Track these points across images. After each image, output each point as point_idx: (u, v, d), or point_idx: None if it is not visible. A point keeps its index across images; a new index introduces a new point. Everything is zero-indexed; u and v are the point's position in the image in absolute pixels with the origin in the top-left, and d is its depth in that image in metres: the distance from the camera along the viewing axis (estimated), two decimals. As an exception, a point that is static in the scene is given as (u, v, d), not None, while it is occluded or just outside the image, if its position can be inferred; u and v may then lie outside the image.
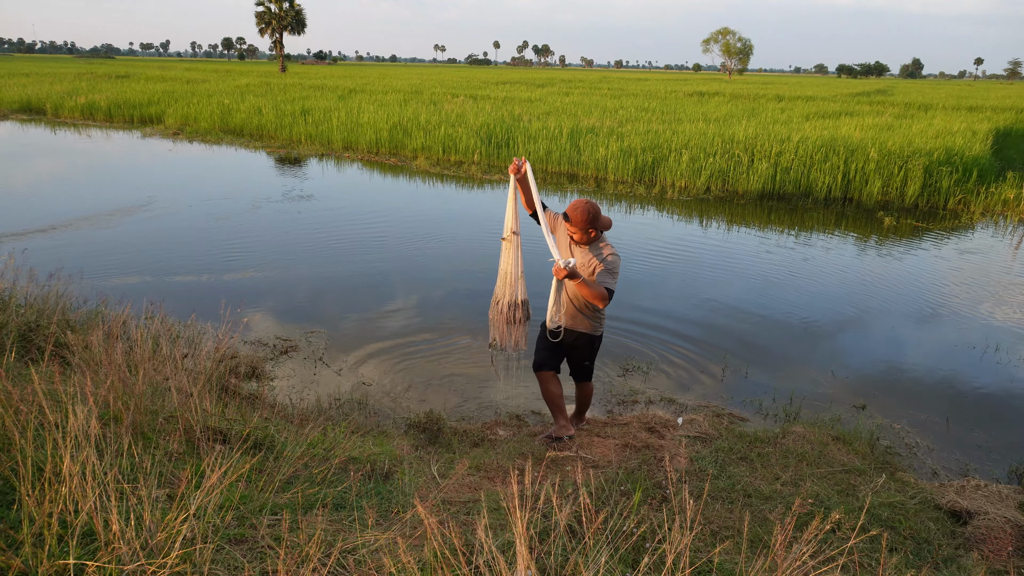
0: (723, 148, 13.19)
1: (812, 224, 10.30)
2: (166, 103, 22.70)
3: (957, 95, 35.51)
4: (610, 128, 15.74)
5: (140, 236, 8.40)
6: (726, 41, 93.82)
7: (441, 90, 28.59)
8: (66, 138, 18.18)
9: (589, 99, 25.01)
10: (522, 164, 3.48)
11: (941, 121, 17.55)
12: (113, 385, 2.75)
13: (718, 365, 5.17)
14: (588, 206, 3.42)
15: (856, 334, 5.93)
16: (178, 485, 2.29)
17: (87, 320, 4.39)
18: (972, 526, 3.00)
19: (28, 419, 2.35)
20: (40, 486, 2.03)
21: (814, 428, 3.98)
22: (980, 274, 7.89)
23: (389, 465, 3.08)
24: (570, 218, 3.41)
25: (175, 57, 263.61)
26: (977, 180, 11.82)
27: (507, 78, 47.08)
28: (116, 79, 34.06)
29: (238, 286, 6.62)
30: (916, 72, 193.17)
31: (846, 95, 32.56)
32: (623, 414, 4.38)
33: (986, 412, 4.60)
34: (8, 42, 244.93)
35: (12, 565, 1.76)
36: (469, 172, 13.93)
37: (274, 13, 54.44)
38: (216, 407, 3.17)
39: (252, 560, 2.10)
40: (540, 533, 2.33)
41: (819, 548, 2.44)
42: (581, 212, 3.40)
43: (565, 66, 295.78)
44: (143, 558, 1.84)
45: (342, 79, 37.12)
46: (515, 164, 3.47)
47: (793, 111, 21.10)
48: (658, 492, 3.10)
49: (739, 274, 7.54)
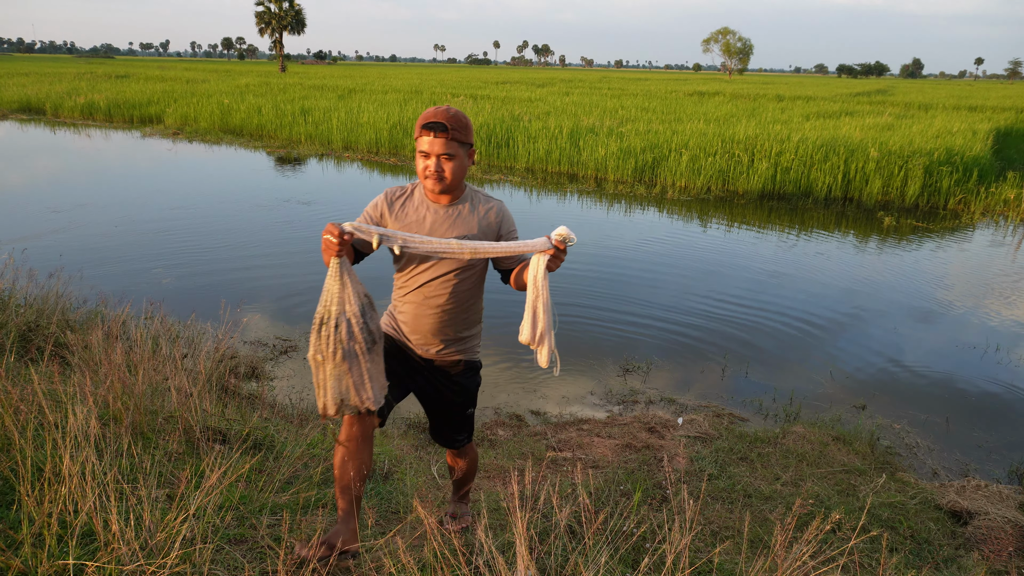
0: (723, 148, 13.19)
1: (812, 224, 10.30)
2: (166, 103, 22.69)
3: (957, 95, 35.50)
4: (610, 128, 15.74)
5: (140, 236, 8.39)
6: (726, 41, 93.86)
7: (441, 90, 28.59)
8: (65, 138, 18.18)
9: (589, 99, 25.00)
10: (344, 233, 1.91)
11: (941, 121, 17.54)
12: (113, 385, 2.75)
13: (718, 365, 5.17)
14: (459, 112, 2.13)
15: (856, 334, 5.93)
16: (178, 485, 2.28)
17: (87, 320, 4.39)
18: (972, 526, 3.00)
19: (28, 419, 2.35)
20: (40, 486, 2.02)
21: (814, 428, 3.98)
22: (980, 274, 7.89)
23: (389, 465, 3.08)
24: (445, 126, 2.05)
25: (175, 57, 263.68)
26: (977, 180, 11.82)
27: (507, 78, 47.08)
28: (116, 79, 34.05)
29: (238, 286, 6.62)
30: (916, 72, 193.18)
31: (846, 95, 32.56)
32: (623, 414, 4.37)
33: (986, 412, 4.60)
34: (8, 42, 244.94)
35: (12, 565, 1.76)
36: (469, 172, 13.94)
37: (274, 13, 54.43)
38: (216, 407, 3.17)
39: (252, 560, 2.10)
40: (540, 533, 2.33)
41: (819, 548, 2.44)
42: (456, 113, 2.11)
43: (565, 66, 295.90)
44: (143, 558, 1.84)
45: (342, 79, 37.11)
46: (334, 240, 1.90)
47: (793, 111, 21.09)
48: (658, 492, 3.10)
49: (739, 274, 7.53)
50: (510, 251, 2.02)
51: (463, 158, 2.16)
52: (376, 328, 2.06)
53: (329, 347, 1.99)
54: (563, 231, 1.95)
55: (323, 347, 1.99)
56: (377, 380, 2.07)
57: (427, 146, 2.11)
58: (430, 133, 2.08)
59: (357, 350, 2.01)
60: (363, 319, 2.02)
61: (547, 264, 2.00)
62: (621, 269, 7.53)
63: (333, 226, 1.94)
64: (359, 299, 2.02)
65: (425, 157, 2.13)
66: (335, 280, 1.99)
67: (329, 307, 1.99)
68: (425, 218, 2.20)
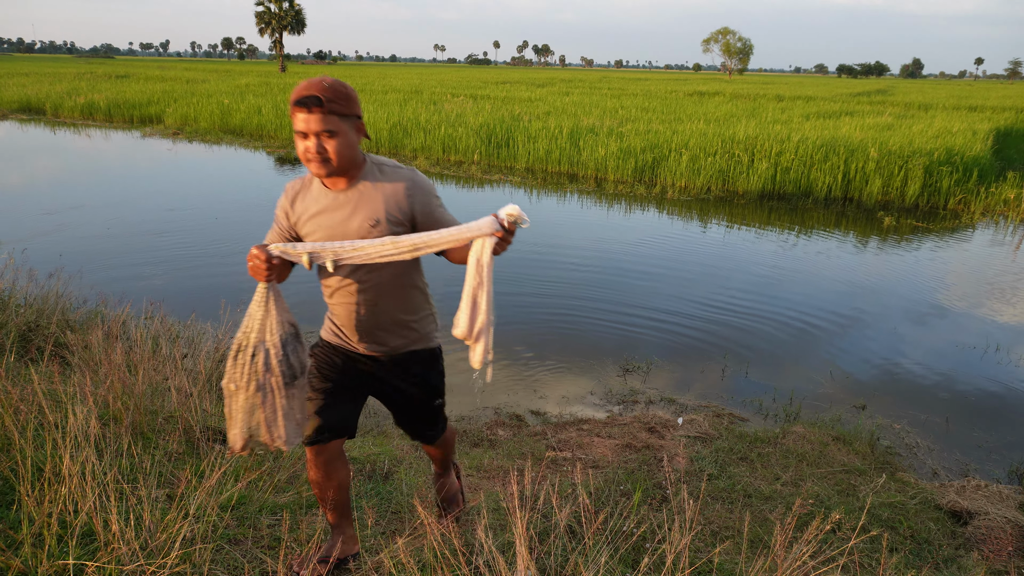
0: (723, 148, 13.19)
1: (812, 224, 10.30)
2: (165, 103, 22.69)
3: (957, 95, 35.51)
4: (610, 128, 15.74)
5: (140, 236, 8.39)
6: (726, 41, 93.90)
7: (441, 90, 28.58)
8: (65, 138, 18.18)
9: (589, 99, 25.00)
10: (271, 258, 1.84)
11: (941, 121, 17.54)
12: (113, 385, 2.75)
13: (718, 365, 5.17)
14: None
15: (856, 334, 5.93)
16: (178, 485, 2.28)
17: (87, 320, 4.39)
18: (972, 526, 3.00)
19: (28, 419, 2.35)
20: (40, 486, 2.02)
21: (814, 428, 3.98)
22: (980, 274, 7.89)
23: (389, 465, 3.08)
24: (320, 99, 1.77)
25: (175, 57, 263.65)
26: (977, 180, 11.82)
27: (507, 78, 47.08)
28: (116, 79, 34.04)
29: (238, 286, 6.62)
30: (916, 72, 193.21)
31: (846, 95, 32.56)
32: (623, 414, 4.37)
33: (986, 412, 4.60)
34: (8, 42, 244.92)
35: (12, 565, 1.76)
36: (469, 172, 13.93)
37: (274, 13, 54.44)
38: (216, 407, 3.17)
39: (252, 560, 2.10)
40: (540, 533, 2.33)
41: (819, 548, 2.44)
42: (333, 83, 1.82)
43: (565, 66, 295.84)
44: (143, 558, 1.84)
45: (342, 79, 37.05)
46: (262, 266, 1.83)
47: (793, 111, 21.09)
48: (658, 492, 3.10)
49: (739, 274, 7.53)
50: (455, 238, 1.76)
51: (348, 133, 1.85)
52: (298, 362, 1.91)
53: (243, 377, 1.85)
54: (514, 210, 1.71)
55: (237, 376, 1.85)
56: (292, 418, 1.91)
57: (302, 124, 1.80)
58: (303, 109, 1.78)
59: (273, 384, 1.86)
60: (283, 351, 1.87)
61: (494, 247, 1.74)
62: (621, 269, 7.53)
63: (259, 250, 1.81)
64: (283, 328, 1.88)
65: (303, 138, 1.83)
66: (259, 306, 1.86)
67: (249, 334, 1.86)
68: (326, 209, 1.94)
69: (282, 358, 1.86)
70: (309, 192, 1.98)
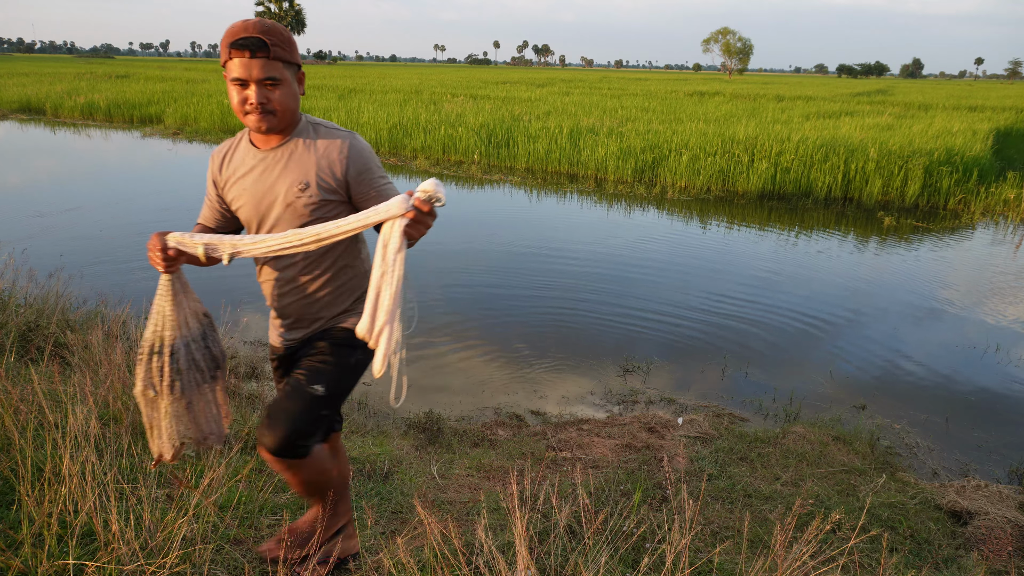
0: (723, 148, 13.20)
1: (812, 224, 10.30)
2: (165, 103, 22.69)
3: (957, 95, 35.50)
4: (610, 128, 15.74)
5: (139, 236, 8.39)
6: (726, 41, 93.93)
7: (441, 90, 28.59)
8: (65, 138, 18.18)
9: (589, 99, 25.00)
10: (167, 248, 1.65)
11: (941, 121, 17.54)
12: (113, 385, 2.75)
13: (718, 365, 5.17)
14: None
15: (856, 334, 5.93)
16: (178, 485, 2.28)
17: (87, 320, 4.39)
18: (972, 526, 3.00)
19: (28, 419, 2.35)
20: (40, 486, 2.03)
21: (814, 428, 3.98)
22: (980, 274, 7.89)
23: (389, 465, 3.08)
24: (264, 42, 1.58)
25: (175, 57, 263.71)
26: (977, 180, 11.82)
27: (507, 78, 47.08)
28: (116, 79, 34.05)
29: (238, 286, 6.62)
30: (916, 72, 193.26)
31: (846, 95, 32.56)
32: (623, 414, 4.37)
33: (986, 412, 4.60)
34: (8, 42, 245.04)
35: (12, 565, 1.76)
36: (469, 172, 13.94)
37: (274, 13, 54.48)
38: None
39: (252, 560, 2.10)
40: (540, 533, 2.33)
41: (819, 548, 2.44)
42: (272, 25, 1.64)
43: (565, 66, 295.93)
44: (143, 558, 1.84)
45: (342, 79, 37.10)
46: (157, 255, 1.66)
47: (793, 111, 21.09)
48: (658, 492, 3.10)
49: (739, 274, 7.53)
50: (363, 223, 1.53)
51: (291, 83, 1.66)
52: (220, 352, 1.80)
53: (164, 379, 1.69)
54: (428, 186, 1.46)
55: (155, 380, 1.70)
56: (223, 412, 1.81)
57: (242, 71, 1.59)
58: (244, 53, 1.57)
59: (199, 379, 1.73)
60: (204, 343, 1.75)
61: (404, 229, 1.49)
62: (621, 269, 7.53)
63: (157, 239, 1.64)
64: (197, 319, 1.75)
65: (242, 87, 1.62)
66: (166, 300, 1.69)
67: (161, 332, 1.69)
68: (252, 169, 1.74)
69: (204, 350, 1.76)
70: (237, 152, 1.80)
